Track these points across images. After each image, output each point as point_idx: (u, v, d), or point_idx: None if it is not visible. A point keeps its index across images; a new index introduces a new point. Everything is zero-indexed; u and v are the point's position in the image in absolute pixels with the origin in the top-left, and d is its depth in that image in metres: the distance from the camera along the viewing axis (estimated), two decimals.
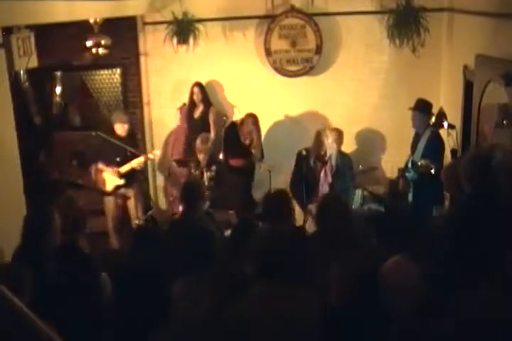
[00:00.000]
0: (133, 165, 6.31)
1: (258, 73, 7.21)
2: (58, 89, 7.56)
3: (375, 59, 7.06)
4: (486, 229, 2.79)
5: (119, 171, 6.30)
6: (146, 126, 7.49)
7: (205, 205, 5.45)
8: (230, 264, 3.56)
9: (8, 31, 4.96)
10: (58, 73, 7.48)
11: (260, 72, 7.21)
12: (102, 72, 7.43)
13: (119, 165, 6.32)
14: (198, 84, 7.04)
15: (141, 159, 6.32)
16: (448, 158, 5.46)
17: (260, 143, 6.80)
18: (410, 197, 5.50)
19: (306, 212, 5.82)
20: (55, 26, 5.44)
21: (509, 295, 2.40)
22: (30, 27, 5.34)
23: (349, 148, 6.80)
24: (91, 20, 6.43)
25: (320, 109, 7.25)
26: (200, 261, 3.24)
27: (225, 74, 7.28)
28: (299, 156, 5.91)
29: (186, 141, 7.17)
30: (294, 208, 4.45)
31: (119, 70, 7.40)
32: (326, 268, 3.43)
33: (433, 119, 5.31)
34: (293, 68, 7.09)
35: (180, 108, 7.20)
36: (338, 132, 6.46)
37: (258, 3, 6.97)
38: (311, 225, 5.56)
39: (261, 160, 6.82)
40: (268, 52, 7.03)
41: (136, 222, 6.29)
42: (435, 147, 5.36)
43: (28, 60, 5.34)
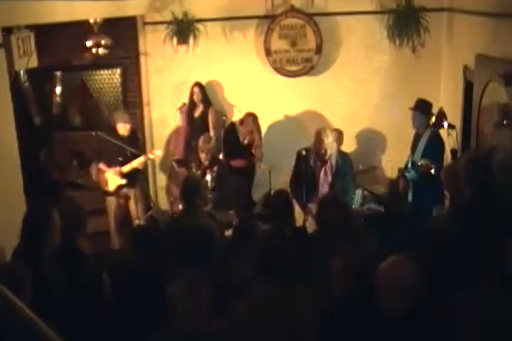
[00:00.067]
0: (134, 165, 6.31)
1: (258, 73, 7.21)
2: (58, 89, 7.57)
3: (375, 59, 7.06)
4: (486, 229, 2.79)
5: (120, 171, 6.30)
6: (146, 126, 7.50)
7: (205, 205, 5.47)
8: (231, 264, 3.56)
9: (8, 31, 4.96)
10: (58, 73, 7.49)
11: (260, 72, 7.21)
12: (102, 72, 7.43)
13: (121, 164, 6.32)
14: (198, 84, 7.05)
15: (142, 159, 6.32)
16: (448, 158, 5.47)
17: (261, 142, 6.80)
18: (410, 197, 5.51)
19: (306, 212, 5.81)
20: (55, 26, 5.44)
21: (509, 295, 2.40)
22: (30, 27, 5.34)
23: (349, 148, 6.79)
24: (91, 20, 6.43)
25: (320, 109, 7.25)
26: (200, 258, 3.24)
27: (225, 74, 7.28)
28: (299, 156, 5.90)
29: (186, 140, 7.18)
30: (294, 208, 4.47)
31: (119, 70, 7.40)
32: (326, 268, 3.43)
33: (433, 119, 5.31)
34: (293, 68, 7.10)
35: (180, 108, 7.20)
36: (338, 132, 6.46)
37: (258, 3, 6.97)
38: (311, 225, 5.56)
39: (261, 160, 6.82)
40: (268, 52, 7.03)
41: (137, 222, 6.29)
42: (435, 147, 5.36)
43: (28, 60, 5.34)
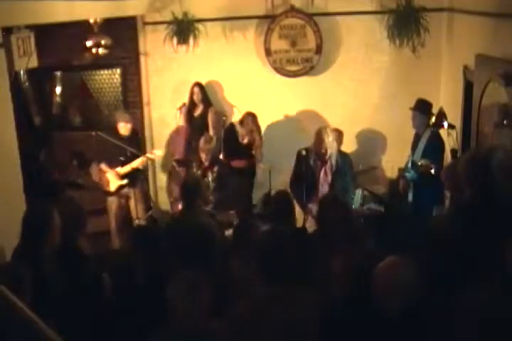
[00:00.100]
0: (133, 166, 6.30)
1: (258, 73, 7.21)
2: (58, 89, 7.57)
3: (375, 59, 7.06)
4: (486, 229, 2.79)
5: (118, 173, 6.29)
6: (146, 126, 7.50)
7: (207, 206, 5.47)
8: (231, 264, 3.56)
9: (8, 31, 4.96)
10: (58, 73, 7.49)
11: (260, 72, 7.21)
12: (102, 72, 7.43)
13: (122, 165, 6.31)
14: (198, 84, 7.05)
15: (141, 159, 6.31)
16: (448, 158, 5.47)
17: (261, 143, 6.79)
18: (410, 197, 5.51)
19: (306, 212, 5.81)
20: (55, 26, 5.43)
21: (509, 295, 2.40)
22: (30, 27, 5.34)
23: (349, 148, 6.79)
24: (91, 20, 6.43)
25: (320, 109, 7.25)
26: (199, 258, 3.24)
27: (225, 74, 7.28)
28: (299, 156, 5.89)
29: (187, 141, 7.17)
30: (295, 208, 4.47)
31: (119, 70, 7.40)
32: (326, 268, 3.44)
33: (433, 119, 5.30)
34: (293, 68, 7.10)
35: (180, 108, 7.19)
36: (338, 132, 6.45)
37: (258, 3, 6.97)
38: (311, 225, 5.56)
39: (261, 160, 6.82)
40: (268, 52, 7.03)
41: (137, 222, 6.29)
42: (435, 147, 5.36)
43: (28, 60, 5.34)
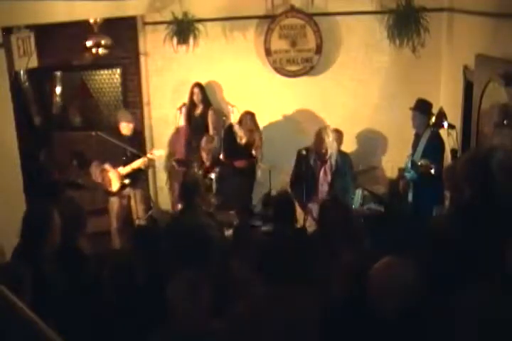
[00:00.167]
0: (134, 166, 6.29)
1: (258, 73, 7.21)
2: (58, 89, 7.56)
3: (375, 59, 7.06)
4: (486, 229, 2.79)
5: (119, 172, 6.29)
6: (146, 126, 7.49)
7: (208, 208, 5.47)
8: (231, 264, 3.56)
9: (8, 31, 4.96)
10: (58, 73, 7.48)
11: (260, 72, 7.21)
12: (102, 72, 7.43)
13: (124, 164, 6.31)
14: (198, 85, 7.05)
15: (143, 160, 6.29)
16: (448, 158, 5.46)
17: (262, 142, 6.79)
18: (410, 197, 5.50)
19: (306, 212, 5.81)
20: (55, 26, 5.44)
21: (509, 295, 2.40)
22: (30, 27, 5.34)
23: (349, 148, 6.79)
24: (91, 20, 6.43)
25: (320, 109, 7.25)
26: (197, 258, 3.25)
27: (225, 74, 7.28)
28: (299, 155, 5.89)
29: (186, 141, 7.17)
30: (296, 209, 4.47)
31: (119, 70, 7.39)
32: (326, 268, 3.43)
33: (433, 119, 5.30)
34: (293, 68, 7.09)
35: (180, 108, 7.20)
36: (338, 132, 6.45)
37: (258, 3, 6.97)
38: (311, 224, 5.56)
39: (261, 160, 6.82)
40: (268, 52, 7.03)
41: (138, 222, 6.28)
42: (435, 147, 5.36)
43: (28, 60, 5.34)
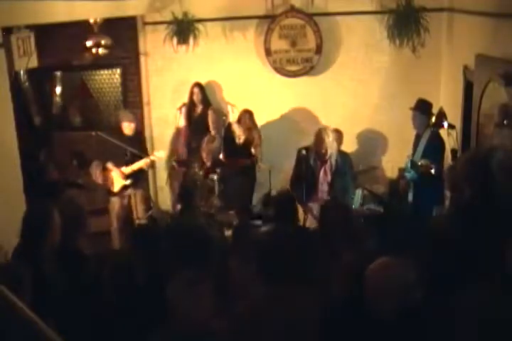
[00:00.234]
0: (137, 166, 6.27)
1: (258, 73, 7.21)
2: (58, 89, 7.56)
3: (375, 59, 7.06)
4: (486, 229, 2.79)
5: (123, 172, 6.28)
6: (146, 126, 7.49)
7: (208, 208, 5.48)
8: (231, 264, 3.56)
9: (8, 31, 4.96)
10: (58, 73, 7.48)
11: (260, 72, 7.21)
12: (102, 72, 7.43)
13: (127, 164, 6.30)
14: (198, 85, 7.05)
15: (146, 160, 6.29)
16: (448, 158, 5.46)
17: (260, 140, 6.80)
18: (410, 197, 5.50)
19: (306, 211, 5.81)
20: (55, 26, 5.44)
21: (509, 295, 2.40)
22: (30, 27, 5.35)
23: (349, 148, 6.79)
24: (91, 20, 6.43)
25: (320, 109, 7.25)
26: (198, 258, 3.25)
27: (225, 74, 7.28)
28: (299, 155, 5.90)
29: (187, 141, 7.17)
30: (297, 208, 4.47)
31: (119, 70, 7.39)
32: (326, 268, 3.43)
33: (433, 119, 5.30)
34: (293, 68, 7.09)
35: (180, 108, 7.19)
36: (338, 133, 6.45)
37: (258, 3, 6.97)
38: (311, 223, 5.57)
39: (261, 160, 6.82)
40: (268, 52, 7.03)
41: (138, 222, 6.28)
42: (435, 147, 5.36)
43: (28, 60, 5.35)
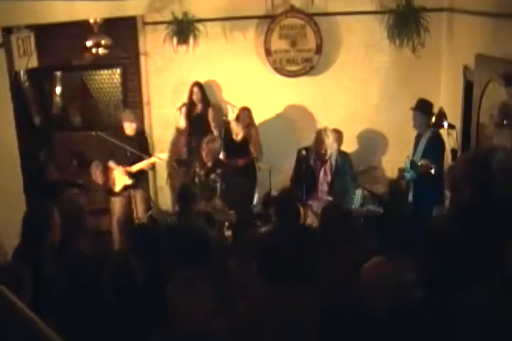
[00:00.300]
0: (140, 166, 6.27)
1: (258, 73, 7.21)
2: (58, 89, 7.56)
3: (375, 59, 7.06)
4: (486, 229, 2.79)
5: (128, 170, 6.27)
6: (146, 126, 7.49)
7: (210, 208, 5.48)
8: (230, 264, 3.56)
9: (8, 31, 4.96)
10: (58, 73, 7.48)
11: (260, 72, 7.21)
12: (102, 72, 7.43)
13: (126, 164, 6.29)
14: (198, 84, 7.05)
15: (151, 160, 6.28)
16: (448, 158, 5.46)
17: (258, 138, 6.80)
18: (410, 197, 5.51)
19: (306, 210, 5.81)
20: (55, 26, 5.44)
21: (509, 295, 2.40)
22: (30, 27, 5.34)
23: (349, 148, 6.79)
24: (91, 20, 6.43)
25: (320, 109, 7.25)
26: (196, 259, 3.25)
27: (225, 74, 7.28)
28: (299, 155, 5.91)
29: (186, 140, 7.17)
30: (299, 207, 4.46)
31: (119, 70, 7.39)
32: (326, 268, 3.44)
33: (433, 119, 5.31)
34: (293, 68, 7.10)
35: (180, 108, 7.19)
36: (338, 133, 6.45)
37: (258, 3, 6.97)
38: (312, 221, 5.57)
39: (261, 157, 6.82)
40: (268, 52, 7.03)
41: (138, 222, 6.28)
42: (436, 147, 5.36)
43: (28, 60, 5.35)
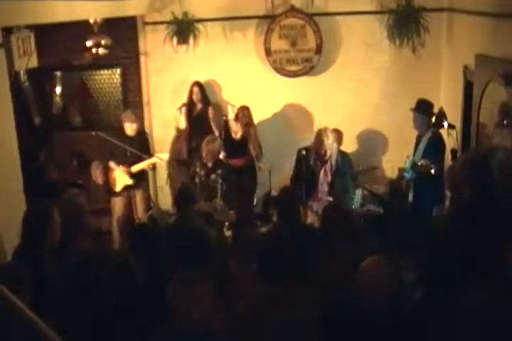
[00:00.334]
0: (142, 166, 6.27)
1: (258, 73, 7.21)
2: (58, 89, 7.56)
3: (375, 59, 7.06)
4: (486, 229, 2.79)
5: (130, 170, 6.26)
6: (146, 126, 7.49)
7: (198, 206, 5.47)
8: (230, 264, 3.56)
9: (8, 31, 4.96)
10: (58, 73, 7.48)
11: (260, 72, 7.21)
12: (102, 72, 7.43)
13: (126, 164, 6.29)
14: (198, 84, 7.05)
15: (151, 160, 6.28)
16: (448, 158, 5.46)
17: (257, 137, 6.80)
18: (410, 197, 5.51)
19: (306, 210, 5.81)
20: (55, 26, 5.43)
21: (509, 295, 2.40)
22: (30, 27, 5.34)
23: (349, 148, 6.79)
24: (91, 20, 6.43)
25: (320, 109, 7.25)
26: (196, 258, 3.25)
27: (225, 74, 7.28)
28: (299, 155, 5.91)
29: (186, 140, 7.17)
30: (300, 206, 4.46)
31: (119, 70, 7.40)
32: (326, 268, 3.44)
33: (433, 119, 5.31)
34: (293, 68, 7.10)
35: (180, 108, 7.19)
36: (337, 133, 6.46)
37: (258, 3, 6.97)
38: (312, 220, 5.57)
39: (260, 156, 6.82)
40: (268, 52, 7.04)
41: (138, 222, 6.28)
42: (436, 147, 5.36)
43: (28, 60, 5.34)
